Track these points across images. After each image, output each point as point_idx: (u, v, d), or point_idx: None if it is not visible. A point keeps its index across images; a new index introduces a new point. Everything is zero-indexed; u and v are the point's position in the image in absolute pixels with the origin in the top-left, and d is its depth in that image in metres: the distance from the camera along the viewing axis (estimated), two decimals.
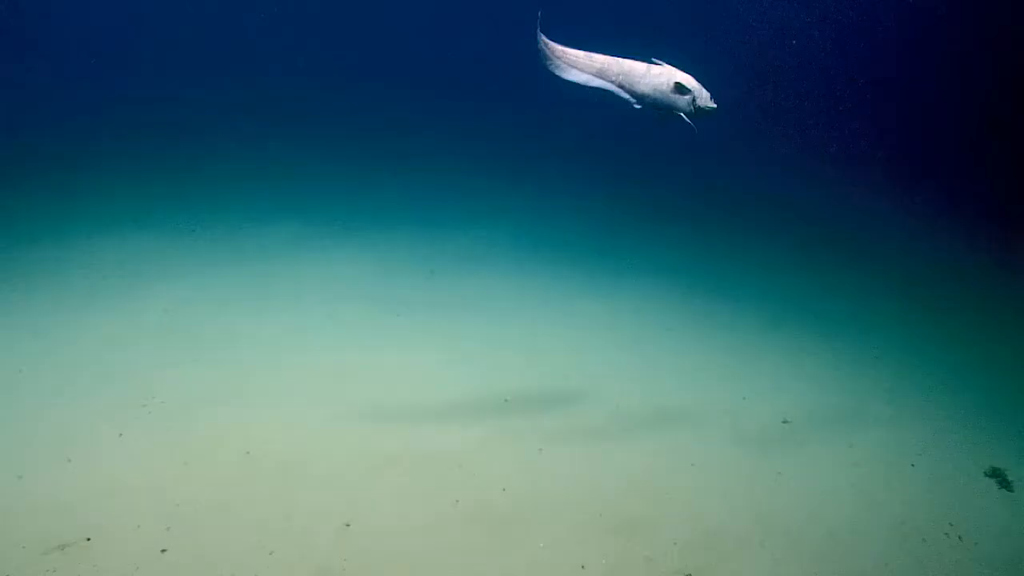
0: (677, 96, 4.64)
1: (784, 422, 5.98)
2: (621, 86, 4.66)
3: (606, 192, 13.45)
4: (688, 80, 4.64)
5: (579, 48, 4.73)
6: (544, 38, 4.63)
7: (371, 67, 21.26)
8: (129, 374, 5.60)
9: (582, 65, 4.66)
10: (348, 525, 4.23)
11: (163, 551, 3.88)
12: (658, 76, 4.63)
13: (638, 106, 4.70)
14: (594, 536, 4.36)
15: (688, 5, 22.00)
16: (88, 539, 3.89)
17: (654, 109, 4.73)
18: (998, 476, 5.60)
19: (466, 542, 4.20)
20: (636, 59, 4.72)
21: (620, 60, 4.67)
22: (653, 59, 4.68)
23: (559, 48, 4.65)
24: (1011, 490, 5.49)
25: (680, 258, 10.26)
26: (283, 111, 16.18)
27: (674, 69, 4.68)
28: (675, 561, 4.26)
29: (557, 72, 4.69)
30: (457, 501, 4.51)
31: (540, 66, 4.68)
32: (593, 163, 15.47)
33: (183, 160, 12.29)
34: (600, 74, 4.66)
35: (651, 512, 4.64)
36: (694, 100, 4.65)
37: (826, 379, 6.89)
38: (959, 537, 4.90)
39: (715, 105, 4.71)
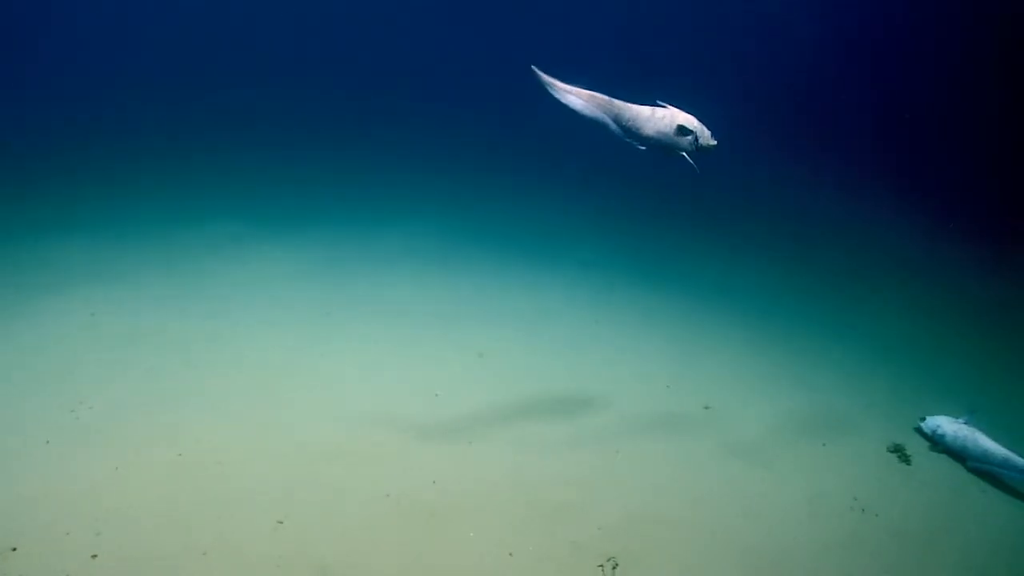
0: (680, 137, 4.77)
1: (705, 408, 6.29)
2: (627, 130, 4.74)
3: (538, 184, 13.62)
4: (690, 121, 4.77)
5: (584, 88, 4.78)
6: (545, 75, 4.67)
7: (314, 67, 20.96)
8: (56, 380, 5.52)
9: (585, 97, 4.70)
10: (281, 523, 4.32)
11: (93, 556, 3.90)
12: (662, 119, 4.73)
13: (642, 148, 4.81)
14: (522, 524, 4.55)
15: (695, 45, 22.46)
16: (14, 549, 3.88)
17: (659, 150, 4.84)
18: (899, 451, 6.03)
19: (398, 535, 4.34)
20: (639, 102, 4.81)
21: (626, 104, 4.73)
22: (657, 101, 4.78)
23: (561, 84, 4.68)
24: (909, 463, 5.92)
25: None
26: (216, 111, 15.81)
27: (676, 110, 4.79)
28: (601, 545, 4.49)
29: (557, 96, 4.69)
30: (388, 495, 4.64)
31: (547, 96, 4.71)
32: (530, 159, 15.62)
33: (112, 161, 11.93)
34: (603, 112, 4.71)
35: (577, 500, 4.86)
36: (696, 140, 4.79)
37: (745, 364, 7.25)
38: (862, 509, 5.28)
39: (715, 142, 4.87)
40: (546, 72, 4.68)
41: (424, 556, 4.20)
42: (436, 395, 5.89)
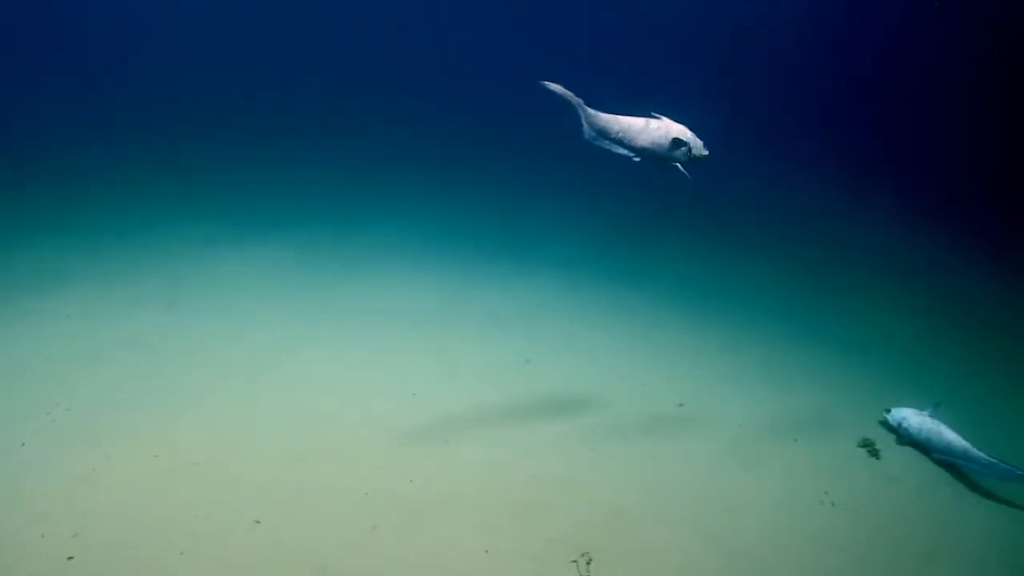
0: (674, 148, 4.89)
1: (680, 405, 6.39)
2: (620, 142, 4.88)
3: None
4: (683, 132, 4.89)
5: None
6: (583, 104, 4.80)
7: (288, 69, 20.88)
8: (31, 382, 5.51)
9: (589, 123, 4.86)
10: (258, 522, 4.35)
11: (69, 558, 3.91)
12: (656, 130, 4.86)
13: (637, 159, 4.93)
14: (498, 522, 4.61)
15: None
16: None
17: (653, 160, 4.96)
18: (869, 446, 6.16)
19: (375, 533, 4.39)
20: (634, 114, 4.95)
21: (619, 117, 4.88)
22: (652, 112, 4.91)
23: (591, 112, 4.83)
24: (879, 458, 6.05)
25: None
26: (192, 112, 15.70)
27: (670, 122, 4.91)
28: (575, 541, 4.56)
29: (588, 136, 4.88)
30: (365, 494, 4.68)
31: (579, 133, 4.88)
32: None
33: (86, 163, 11.82)
34: (602, 133, 4.88)
35: (553, 497, 4.93)
36: (689, 150, 4.91)
37: (719, 362, 7.36)
38: (832, 503, 5.39)
39: (707, 152, 4.99)
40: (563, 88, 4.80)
41: (401, 554, 4.25)
42: (413, 395, 5.94)
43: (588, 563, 4.37)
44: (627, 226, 11.71)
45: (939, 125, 18.37)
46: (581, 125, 4.85)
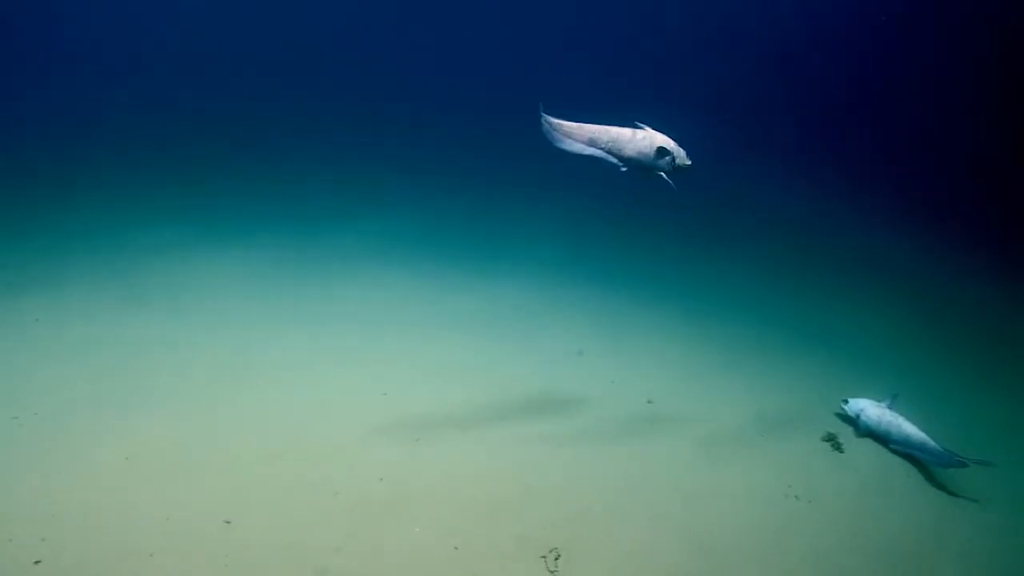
0: (659, 158, 5.09)
1: (649, 402, 6.49)
2: (609, 152, 5.08)
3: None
4: (667, 142, 5.10)
5: (570, 119, 5.13)
6: (546, 116, 5.02)
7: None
8: None
9: (575, 135, 5.07)
10: (229, 522, 4.38)
11: (36, 563, 3.91)
12: (642, 140, 5.07)
13: (624, 169, 5.13)
14: (468, 519, 4.68)
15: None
16: None
17: (638, 169, 5.16)
18: (832, 440, 6.31)
19: (346, 531, 4.43)
20: (620, 124, 5.13)
21: (607, 128, 5.08)
22: (636, 123, 5.10)
23: (556, 121, 5.05)
24: (842, 451, 6.20)
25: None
26: (158, 113, 15.56)
27: (655, 132, 5.13)
28: (544, 537, 4.64)
29: (557, 144, 5.08)
30: (337, 493, 4.73)
31: (544, 140, 5.07)
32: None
33: (54, 165, 11.68)
34: (591, 143, 5.08)
35: (522, 495, 5.01)
36: (673, 159, 5.11)
37: (688, 359, 7.49)
38: (796, 496, 5.53)
39: (690, 162, 5.19)
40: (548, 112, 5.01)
41: (371, 552, 4.30)
42: (384, 395, 5.98)
43: (556, 559, 4.46)
44: (594, 226, 11.83)
45: (939, 125, 18.62)
46: (566, 137, 5.03)
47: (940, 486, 6.00)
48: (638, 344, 7.68)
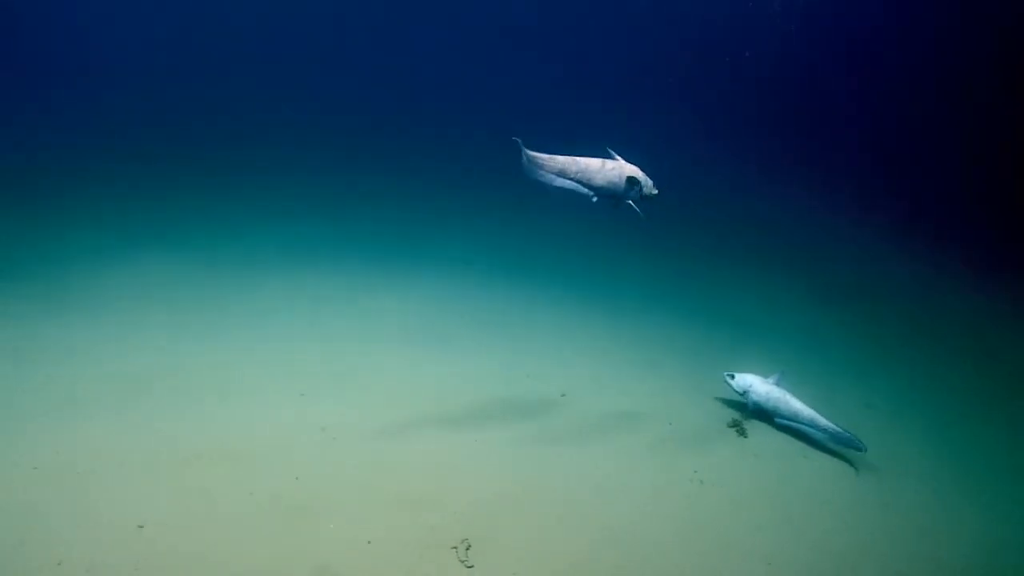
0: (628, 187, 5.31)
1: (562, 395, 6.73)
2: (579, 182, 5.26)
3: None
4: (636, 172, 5.33)
5: (541, 151, 5.31)
6: (525, 149, 5.18)
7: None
8: None
9: (547, 167, 5.24)
10: (141, 527, 4.40)
11: None
12: (612, 171, 5.28)
13: (595, 199, 5.33)
14: (380, 514, 4.81)
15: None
16: None
17: (608, 198, 5.38)
18: (737, 426, 6.65)
19: (260, 531, 4.51)
20: (590, 155, 5.34)
21: (576, 159, 5.27)
22: (608, 149, 5.32)
23: (532, 154, 5.21)
24: (746, 436, 6.55)
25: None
26: (85, 115, 15.16)
27: (624, 162, 5.36)
28: (456, 529, 4.80)
29: (532, 176, 5.26)
30: (251, 493, 4.80)
31: (522, 173, 5.26)
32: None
33: None
34: (561, 173, 5.26)
35: (434, 488, 5.16)
36: (641, 189, 5.34)
37: (604, 353, 7.76)
38: (701, 481, 5.83)
39: (657, 192, 5.44)
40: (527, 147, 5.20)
41: (285, 550, 4.39)
42: (301, 395, 6.06)
43: (467, 548, 4.63)
44: (532, 225, 12.06)
45: (939, 125, 19.21)
46: (539, 167, 5.21)
47: (835, 463, 6.38)
48: (556, 339, 7.93)
